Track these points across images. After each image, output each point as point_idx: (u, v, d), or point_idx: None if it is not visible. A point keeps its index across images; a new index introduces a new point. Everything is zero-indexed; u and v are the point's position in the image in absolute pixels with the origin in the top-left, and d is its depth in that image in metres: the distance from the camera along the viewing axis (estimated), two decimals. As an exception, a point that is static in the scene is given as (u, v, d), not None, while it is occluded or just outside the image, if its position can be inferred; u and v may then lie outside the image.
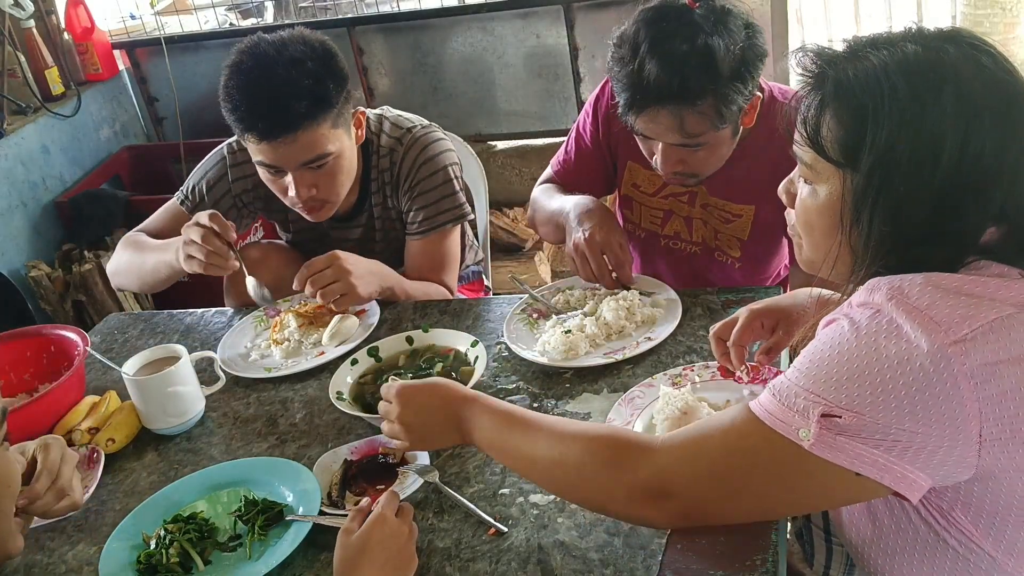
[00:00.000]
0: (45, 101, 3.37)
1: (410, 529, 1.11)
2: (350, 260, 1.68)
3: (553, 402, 1.42)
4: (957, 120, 0.89)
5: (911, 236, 0.93)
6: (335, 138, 1.67)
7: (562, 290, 1.73)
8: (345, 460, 1.34)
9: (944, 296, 0.88)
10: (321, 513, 1.23)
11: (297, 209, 1.76)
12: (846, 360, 0.89)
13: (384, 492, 1.15)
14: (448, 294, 1.89)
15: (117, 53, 3.71)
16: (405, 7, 3.43)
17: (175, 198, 1.93)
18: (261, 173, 1.74)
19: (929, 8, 3.76)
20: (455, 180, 1.86)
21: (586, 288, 1.71)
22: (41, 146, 3.33)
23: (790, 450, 0.90)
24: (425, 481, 1.26)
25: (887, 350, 0.87)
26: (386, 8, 3.47)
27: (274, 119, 1.60)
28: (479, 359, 1.49)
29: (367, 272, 1.71)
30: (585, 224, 1.64)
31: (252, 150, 1.68)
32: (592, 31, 3.23)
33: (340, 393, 1.48)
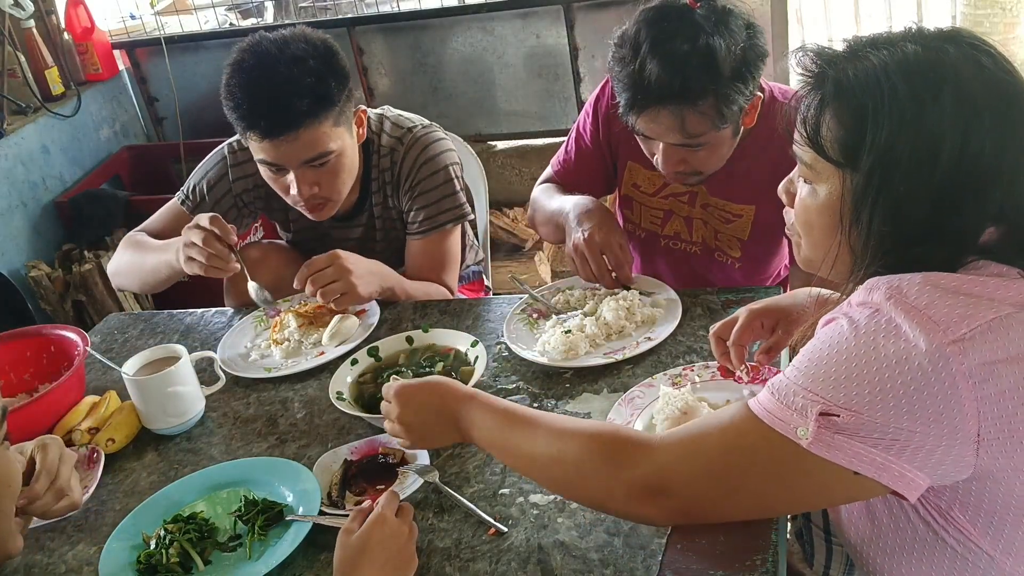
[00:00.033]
0: (45, 101, 3.37)
1: (410, 529, 1.11)
2: (351, 259, 1.68)
3: (553, 402, 1.42)
4: (956, 120, 0.89)
5: (910, 236, 0.93)
6: (337, 136, 1.67)
7: (562, 290, 1.73)
8: (345, 460, 1.34)
9: (943, 296, 0.88)
10: (321, 513, 1.23)
11: (299, 208, 1.76)
12: (844, 359, 0.89)
13: (384, 492, 1.15)
14: (448, 294, 1.89)
15: (117, 53, 3.71)
16: (405, 7, 3.43)
17: (176, 198, 1.93)
18: (263, 172, 1.74)
19: (929, 8, 3.76)
20: (456, 180, 1.86)
21: (586, 288, 1.71)
22: (41, 146, 3.33)
23: (788, 448, 0.90)
24: (425, 481, 1.26)
25: (886, 349, 0.87)
26: (386, 8, 3.47)
27: (276, 117, 1.60)
28: (479, 359, 1.49)
29: (367, 272, 1.71)
30: (584, 225, 1.65)
31: (254, 148, 1.68)
32: (592, 31, 3.23)
33: (340, 393, 1.48)
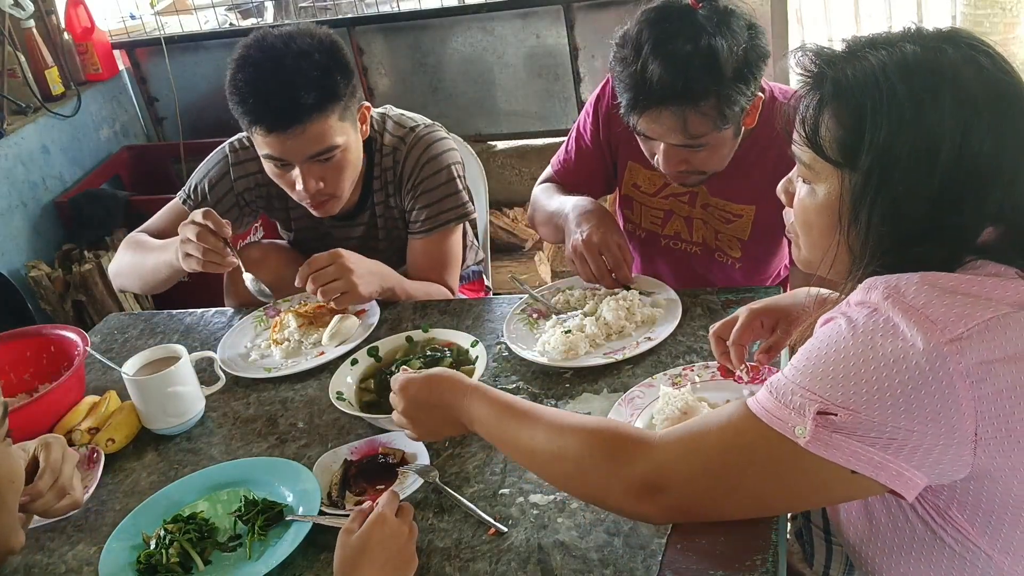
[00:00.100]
0: (45, 101, 3.37)
1: (410, 529, 1.11)
2: (352, 259, 1.68)
3: (553, 402, 1.42)
4: (955, 120, 0.89)
5: (909, 235, 0.93)
6: (342, 131, 1.68)
7: (562, 290, 1.73)
8: (345, 460, 1.34)
9: (940, 295, 0.88)
10: (321, 513, 1.23)
11: (304, 204, 1.76)
12: (843, 358, 0.89)
13: (384, 492, 1.15)
14: (449, 294, 1.89)
15: (117, 53, 3.71)
16: (405, 7, 3.43)
17: (177, 198, 1.93)
18: (267, 168, 1.73)
19: (929, 8, 3.76)
20: (458, 179, 1.86)
21: (586, 288, 1.71)
22: (41, 146, 3.33)
23: (786, 447, 0.90)
24: (425, 481, 1.26)
25: (883, 348, 0.87)
26: (386, 8, 3.47)
27: (283, 111, 1.60)
28: (479, 359, 1.49)
29: (368, 272, 1.71)
30: (583, 226, 1.65)
31: (259, 143, 1.68)
32: (592, 31, 3.23)
33: (340, 393, 1.48)
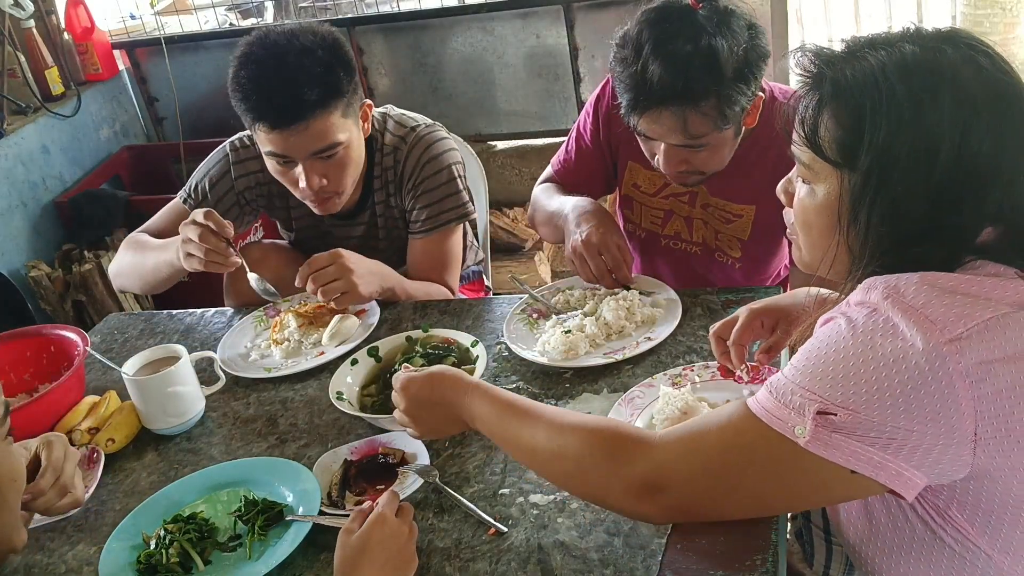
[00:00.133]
0: (45, 101, 3.37)
1: (410, 529, 1.12)
2: (352, 259, 1.68)
3: (553, 402, 1.42)
4: (954, 121, 0.89)
5: (908, 235, 0.93)
6: (345, 128, 1.68)
7: (562, 290, 1.73)
8: (345, 460, 1.34)
9: (940, 295, 0.88)
10: (321, 513, 1.23)
11: (307, 202, 1.76)
12: (842, 358, 0.89)
13: (384, 492, 1.15)
14: (449, 294, 1.89)
15: (117, 53, 3.71)
16: (405, 7, 3.43)
17: (178, 197, 1.93)
18: (270, 165, 1.73)
19: (929, 8, 3.76)
20: (459, 179, 1.86)
21: (586, 288, 1.71)
22: (41, 146, 3.33)
23: (786, 447, 0.91)
24: (425, 481, 1.26)
25: (883, 348, 0.87)
26: (386, 8, 3.47)
27: (287, 107, 1.60)
28: (479, 359, 1.49)
29: (368, 271, 1.71)
30: (583, 226, 1.65)
31: (262, 140, 1.68)
32: (592, 31, 3.22)
33: (340, 393, 1.48)
